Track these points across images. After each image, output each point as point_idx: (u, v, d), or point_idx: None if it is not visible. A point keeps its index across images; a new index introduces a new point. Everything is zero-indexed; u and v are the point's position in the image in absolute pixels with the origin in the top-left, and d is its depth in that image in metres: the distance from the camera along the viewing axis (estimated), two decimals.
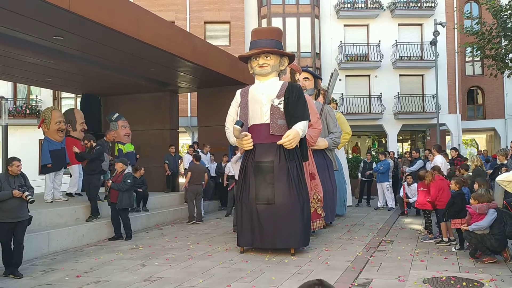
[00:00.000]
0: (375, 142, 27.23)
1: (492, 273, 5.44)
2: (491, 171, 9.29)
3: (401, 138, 26.36)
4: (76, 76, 11.28)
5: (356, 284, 5.04)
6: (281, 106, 6.86)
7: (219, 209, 12.59)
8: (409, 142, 27.37)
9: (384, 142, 25.88)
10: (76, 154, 8.91)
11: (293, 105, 6.82)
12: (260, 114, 6.95)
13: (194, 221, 10.08)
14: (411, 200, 10.62)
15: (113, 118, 11.15)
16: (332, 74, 10.74)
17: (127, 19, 8.18)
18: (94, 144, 8.77)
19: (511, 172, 6.27)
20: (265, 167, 6.70)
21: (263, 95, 6.97)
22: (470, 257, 6.20)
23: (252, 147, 6.82)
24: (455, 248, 6.90)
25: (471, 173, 8.68)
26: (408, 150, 19.60)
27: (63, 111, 11.78)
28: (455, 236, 7.23)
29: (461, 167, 9.46)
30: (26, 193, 5.70)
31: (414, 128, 25.63)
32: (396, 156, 19.66)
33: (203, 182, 10.44)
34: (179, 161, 12.79)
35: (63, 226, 7.68)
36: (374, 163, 13.62)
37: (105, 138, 10.11)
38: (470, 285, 4.96)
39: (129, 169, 9.18)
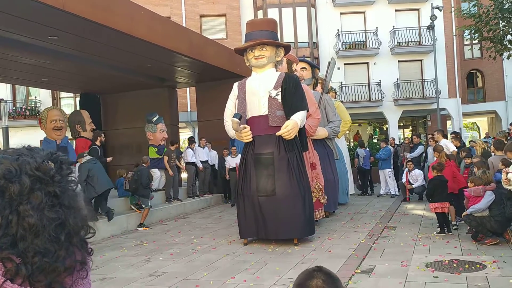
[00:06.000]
0: (376, 129, 27.17)
1: (495, 254, 5.47)
2: None
3: (402, 124, 26.29)
4: (74, 75, 11.28)
5: (359, 271, 5.08)
6: (279, 97, 6.85)
7: (223, 203, 12.63)
8: (410, 128, 27.29)
9: (385, 129, 25.83)
10: None
11: (291, 95, 6.81)
12: (258, 106, 6.94)
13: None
14: (414, 186, 10.68)
15: (154, 120, 10.78)
16: (329, 63, 10.67)
17: (122, 16, 8.15)
18: None
19: None
20: (265, 158, 6.72)
21: (260, 87, 6.96)
22: (473, 240, 6.23)
23: (251, 139, 6.83)
24: (436, 232, 6.93)
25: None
26: (410, 136, 19.51)
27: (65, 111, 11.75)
28: (457, 219, 7.25)
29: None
30: None
31: (415, 114, 25.55)
32: (397, 142, 19.66)
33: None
34: (180, 156, 12.80)
35: None
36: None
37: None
38: (473, 267, 4.99)
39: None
